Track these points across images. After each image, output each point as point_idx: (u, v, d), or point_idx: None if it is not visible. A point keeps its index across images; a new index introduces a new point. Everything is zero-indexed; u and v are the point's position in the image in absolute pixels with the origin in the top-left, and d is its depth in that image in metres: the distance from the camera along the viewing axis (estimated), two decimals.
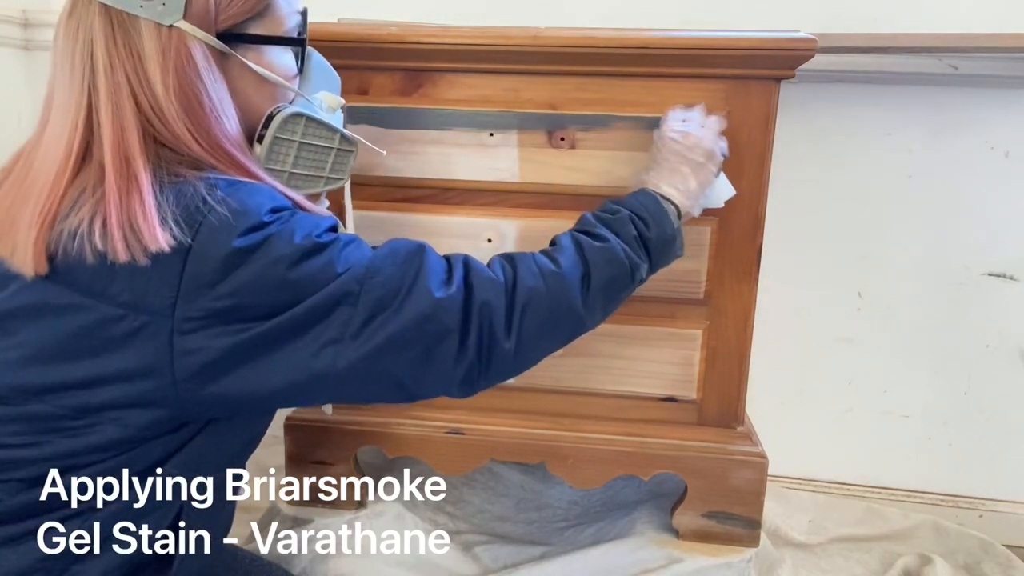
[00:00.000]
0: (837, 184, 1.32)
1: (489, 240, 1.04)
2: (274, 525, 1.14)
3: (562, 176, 1.02)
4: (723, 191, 0.95)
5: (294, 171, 0.78)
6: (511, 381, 1.08)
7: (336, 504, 1.13)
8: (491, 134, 1.01)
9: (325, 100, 0.82)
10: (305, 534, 1.10)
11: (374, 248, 0.73)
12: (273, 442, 1.46)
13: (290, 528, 1.11)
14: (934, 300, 1.35)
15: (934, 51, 1.19)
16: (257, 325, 0.65)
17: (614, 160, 1.00)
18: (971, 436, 1.39)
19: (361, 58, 1.00)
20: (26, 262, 0.64)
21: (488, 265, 0.77)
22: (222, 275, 0.64)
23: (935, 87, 1.26)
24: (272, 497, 1.17)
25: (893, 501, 1.40)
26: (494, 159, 1.02)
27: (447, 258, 0.75)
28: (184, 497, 0.76)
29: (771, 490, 1.14)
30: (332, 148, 0.81)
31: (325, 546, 1.10)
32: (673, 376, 1.07)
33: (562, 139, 1.00)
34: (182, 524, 0.76)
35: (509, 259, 0.78)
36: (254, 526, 1.18)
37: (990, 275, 1.33)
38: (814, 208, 1.34)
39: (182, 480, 0.74)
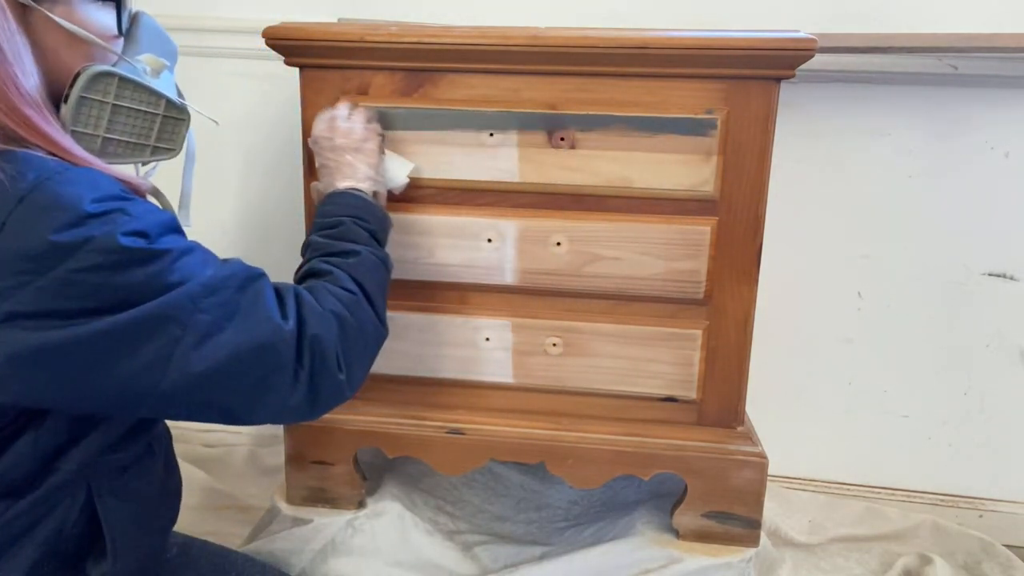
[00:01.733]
0: (837, 184, 1.32)
1: (489, 240, 1.04)
2: (274, 525, 1.14)
3: (562, 176, 1.02)
4: (400, 169, 1.00)
5: (109, 136, 0.71)
6: (511, 381, 1.09)
7: (336, 504, 1.13)
8: (491, 134, 1.01)
9: (147, 62, 0.75)
10: (305, 534, 1.10)
11: (210, 263, 0.68)
12: (273, 442, 1.46)
13: (290, 528, 1.11)
14: (934, 300, 1.35)
15: (934, 51, 1.19)
16: (72, 326, 0.60)
17: (614, 160, 1.00)
18: (971, 436, 1.39)
19: (361, 58, 1.00)
20: None
21: (314, 299, 0.75)
22: (33, 273, 0.58)
23: (935, 87, 1.26)
24: (272, 497, 1.17)
25: (893, 501, 1.40)
26: (494, 159, 1.02)
27: (278, 289, 0.73)
28: (86, 484, 0.74)
29: (771, 490, 1.14)
30: (157, 114, 0.75)
31: (325, 546, 1.10)
32: (673, 376, 1.07)
33: (562, 139, 1.00)
34: (97, 508, 0.74)
35: (313, 291, 0.76)
36: (254, 526, 1.19)
37: (990, 275, 1.33)
38: (814, 208, 1.34)
39: (79, 468, 0.71)
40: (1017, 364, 1.35)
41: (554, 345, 1.07)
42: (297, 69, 1.03)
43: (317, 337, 0.71)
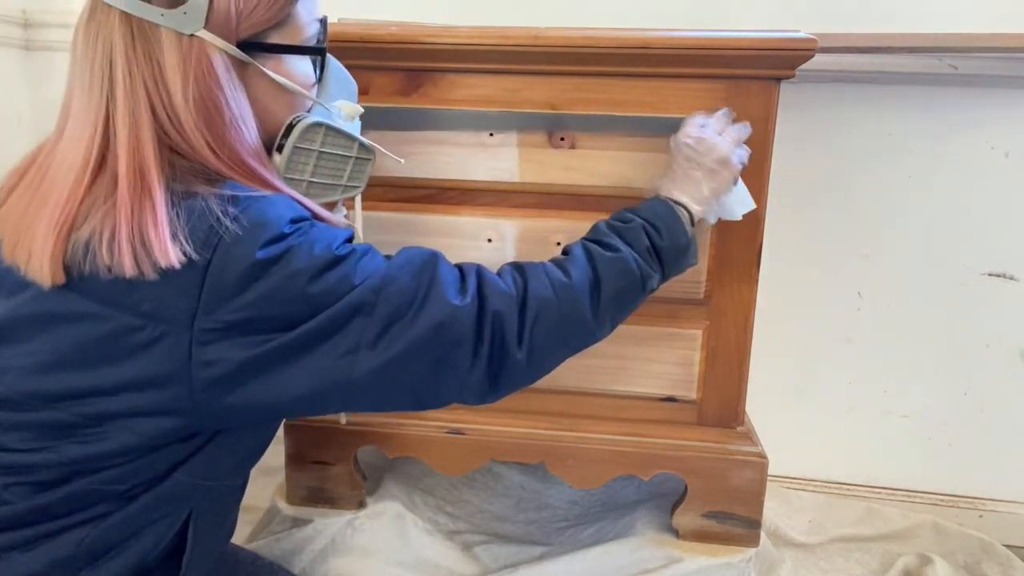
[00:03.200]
0: (837, 184, 1.32)
1: (489, 240, 1.04)
2: (274, 525, 1.14)
3: (562, 176, 1.02)
4: (740, 203, 0.94)
5: (313, 180, 0.78)
6: None
7: (336, 504, 1.13)
8: (491, 134, 1.01)
9: (343, 109, 0.82)
10: (305, 534, 1.10)
11: (388, 257, 0.73)
12: (273, 442, 1.46)
13: (290, 528, 1.11)
14: (934, 300, 1.35)
15: (934, 51, 1.19)
16: (276, 337, 0.65)
17: (614, 160, 1.00)
18: (971, 436, 1.39)
19: (361, 58, 1.00)
20: (43, 272, 0.64)
21: (499, 275, 0.77)
22: (242, 287, 0.64)
23: (935, 87, 1.26)
24: (272, 497, 1.17)
25: (893, 501, 1.40)
26: (494, 159, 1.02)
27: (460, 267, 0.76)
28: (192, 503, 0.76)
29: (771, 490, 1.14)
30: (351, 157, 0.80)
31: (325, 546, 1.10)
32: (673, 376, 1.07)
33: (562, 139, 1.00)
34: (190, 529, 0.77)
35: (520, 269, 0.78)
36: (255, 526, 1.19)
37: (990, 275, 1.33)
38: (814, 208, 1.34)
39: (191, 487, 0.74)
40: (1017, 364, 1.35)
41: None
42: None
43: (498, 313, 0.72)
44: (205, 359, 0.64)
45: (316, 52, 0.76)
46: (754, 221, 1.00)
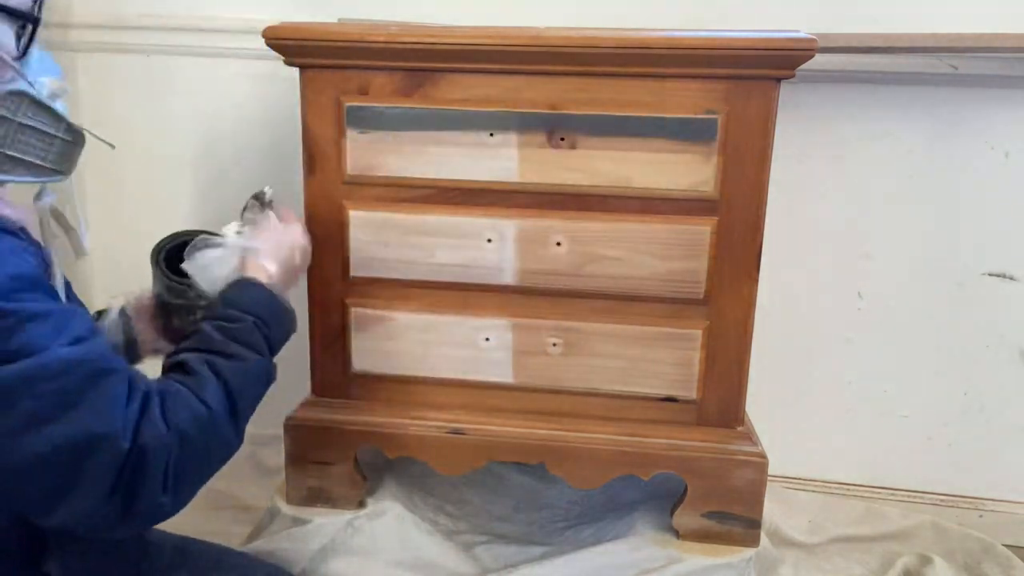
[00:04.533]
0: (837, 184, 1.32)
1: (489, 240, 1.04)
2: (274, 525, 1.14)
3: (562, 176, 1.02)
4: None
5: (8, 152, 0.70)
6: (511, 381, 1.09)
7: (336, 504, 1.13)
8: (491, 134, 1.01)
9: (49, 84, 0.73)
10: (305, 534, 1.10)
11: (63, 333, 0.62)
12: (273, 442, 1.46)
13: (290, 528, 1.11)
14: (934, 300, 1.35)
15: (934, 51, 1.19)
16: None
17: (614, 160, 1.00)
18: (971, 436, 1.39)
19: (361, 58, 1.00)
20: None
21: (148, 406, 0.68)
22: None
23: (935, 87, 1.26)
24: (272, 497, 1.17)
25: (893, 501, 1.40)
26: (494, 159, 1.02)
27: (130, 384, 0.67)
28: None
29: (771, 490, 1.14)
30: (56, 136, 0.74)
31: (325, 546, 1.10)
32: (673, 376, 1.07)
33: (562, 139, 1.00)
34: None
35: (166, 399, 0.69)
36: (255, 526, 1.19)
37: (990, 275, 1.33)
38: (814, 208, 1.34)
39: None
40: (1017, 364, 1.35)
41: (554, 345, 1.07)
42: (297, 69, 1.03)
43: (144, 455, 0.64)
44: None
45: (20, 17, 0.68)
46: (754, 221, 1.00)
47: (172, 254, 0.92)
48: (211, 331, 0.78)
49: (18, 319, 0.58)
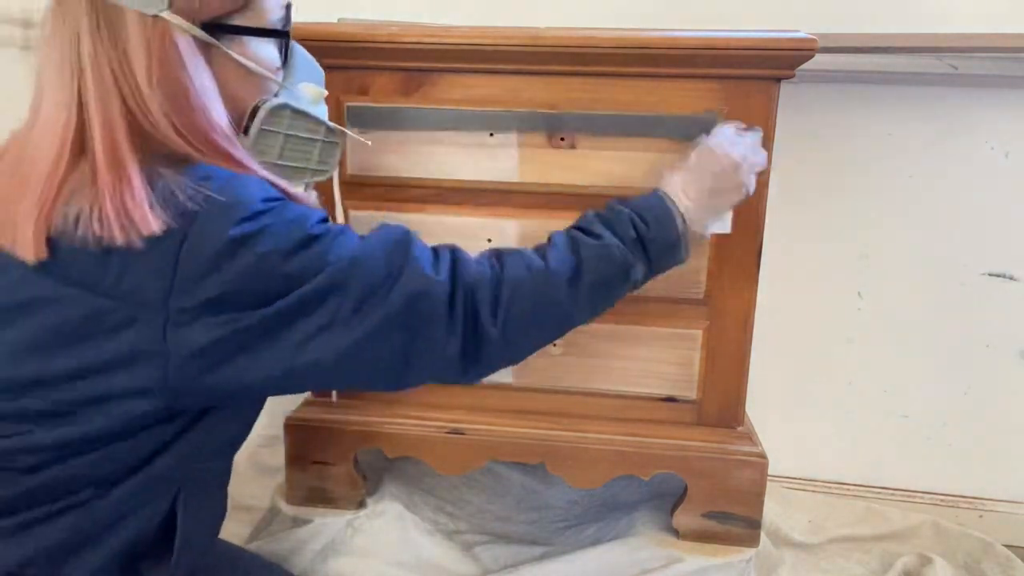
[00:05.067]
0: (837, 184, 1.32)
1: (489, 240, 1.04)
2: (274, 525, 1.14)
3: (562, 176, 1.02)
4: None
5: (280, 162, 0.78)
6: (511, 380, 1.09)
7: (336, 504, 1.13)
8: (491, 134, 1.01)
9: (307, 91, 0.82)
10: (305, 534, 1.10)
11: (363, 237, 0.73)
12: (273, 442, 1.46)
13: (290, 528, 1.11)
14: (934, 300, 1.35)
15: (934, 51, 1.19)
16: (249, 314, 0.66)
17: (614, 160, 1.00)
18: (971, 436, 1.39)
19: (361, 58, 1.00)
20: (27, 248, 0.64)
21: (477, 258, 0.79)
22: (216, 265, 0.64)
23: (935, 87, 1.26)
24: (272, 497, 1.17)
25: (893, 501, 1.40)
26: (494, 159, 1.02)
27: (435, 248, 0.77)
28: (178, 487, 0.76)
29: (771, 490, 1.14)
30: (318, 140, 0.81)
31: (325, 546, 1.10)
32: (673, 376, 1.07)
33: (562, 139, 1.00)
34: (178, 514, 0.77)
35: (497, 254, 0.79)
36: (255, 526, 1.19)
37: (990, 275, 1.33)
38: (814, 208, 1.34)
39: (176, 470, 0.74)
40: (1017, 364, 1.35)
41: (554, 345, 1.07)
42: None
43: (471, 288, 0.74)
44: (180, 338, 0.65)
45: (279, 35, 0.76)
46: (754, 221, 1.00)
47: None
48: (590, 214, 0.85)
49: (331, 236, 0.70)
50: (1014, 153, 1.27)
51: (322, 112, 0.83)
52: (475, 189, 1.03)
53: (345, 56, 1.00)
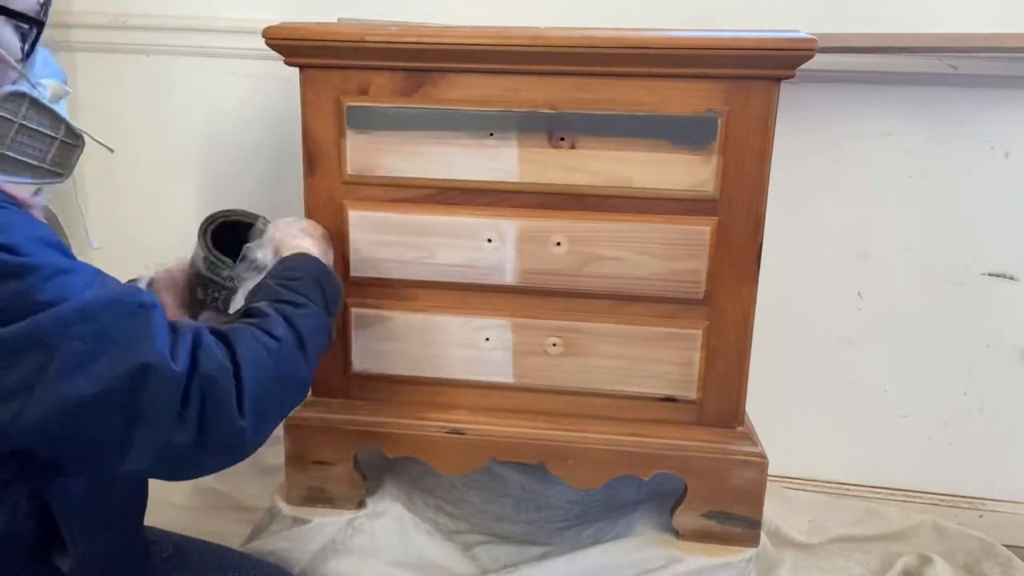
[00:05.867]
0: (837, 184, 1.32)
1: (489, 240, 1.04)
2: (274, 525, 1.14)
3: (562, 176, 1.02)
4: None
5: (7, 153, 0.71)
6: (511, 381, 1.09)
7: (336, 504, 1.13)
8: (491, 134, 1.01)
9: (50, 87, 0.76)
10: (305, 534, 1.10)
11: (98, 284, 0.64)
12: (273, 442, 1.45)
13: (290, 528, 1.11)
14: (934, 300, 1.35)
15: (934, 51, 1.19)
16: None
17: (614, 160, 1.00)
18: (971, 436, 1.39)
19: (361, 58, 1.00)
20: None
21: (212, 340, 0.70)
22: None
23: (935, 87, 1.26)
24: (272, 497, 1.17)
25: (893, 501, 1.40)
26: (494, 159, 1.02)
27: (173, 325, 0.68)
28: (29, 487, 0.71)
29: (771, 490, 1.14)
30: (56, 138, 0.75)
31: (325, 546, 1.10)
32: (673, 376, 1.07)
33: (562, 139, 1.00)
34: (52, 505, 0.72)
35: (224, 337, 0.71)
36: (254, 526, 1.19)
37: (990, 275, 1.33)
38: (814, 208, 1.34)
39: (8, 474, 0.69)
40: (1017, 364, 1.35)
41: (554, 345, 1.07)
42: (297, 69, 1.03)
43: (211, 379, 0.65)
44: None
45: (25, 20, 0.69)
46: (754, 221, 1.00)
47: (219, 230, 0.99)
48: (275, 286, 0.83)
49: (50, 271, 0.59)
50: (1014, 153, 1.28)
51: (62, 110, 0.77)
52: (475, 189, 1.03)
53: (345, 56, 1.00)
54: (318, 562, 1.09)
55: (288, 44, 1.00)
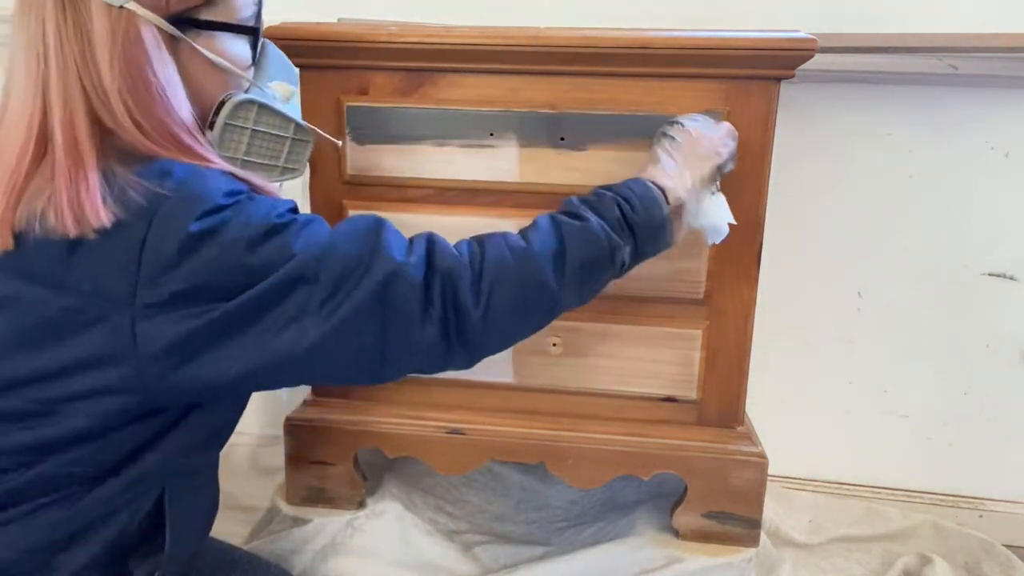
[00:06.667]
0: (837, 184, 1.32)
1: None
2: (274, 525, 1.14)
3: (562, 176, 1.02)
4: (723, 214, 0.90)
5: (247, 159, 0.78)
6: (511, 380, 1.09)
7: (336, 504, 1.13)
8: (491, 134, 1.01)
9: (278, 89, 0.82)
10: (305, 534, 1.10)
11: (333, 227, 0.72)
12: (273, 442, 1.46)
13: (290, 528, 1.11)
14: (934, 300, 1.35)
15: (934, 51, 1.19)
16: (216, 308, 0.65)
17: (614, 160, 1.00)
18: (971, 436, 1.39)
19: (361, 58, 1.00)
20: None
21: (456, 244, 0.76)
22: (179, 259, 0.64)
23: (935, 87, 1.26)
24: (272, 497, 1.17)
25: (893, 501, 1.40)
26: (494, 159, 1.02)
27: (411, 237, 0.75)
28: (163, 483, 0.76)
29: (771, 490, 1.14)
30: (287, 137, 0.81)
31: (325, 546, 1.10)
32: (673, 376, 1.07)
33: (562, 139, 1.00)
34: (166, 509, 0.77)
35: (477, 239, 0.77)
36: (255, 526, 1.19)
37: (990, 275, 1.33)
38: (814, 208, 1.34)
39: (161, 465, 0.74)
40: (1017, 364, 1.35)
41: (554, 345, 1.07)
42: (297, 69, 1.03)
43: (448, 272, 0.71)
44: (148, 334, 0.65)
45: (249, 32, 0.76)
46: (754, 221, 1.00)
47: None
48: (574, 199, 0.82)
49: (298, 226, 0.69)
50: (1014, 153, 1.27)
51: (293, 110, 0.83)
52: (475, 189, 1.03)
53: (345, 56, 1.00)
54: (318, 562, 1.09)
55: (288, 44, 1.00)
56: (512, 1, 1.32)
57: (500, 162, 1.02)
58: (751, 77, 0.96)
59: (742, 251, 1.01)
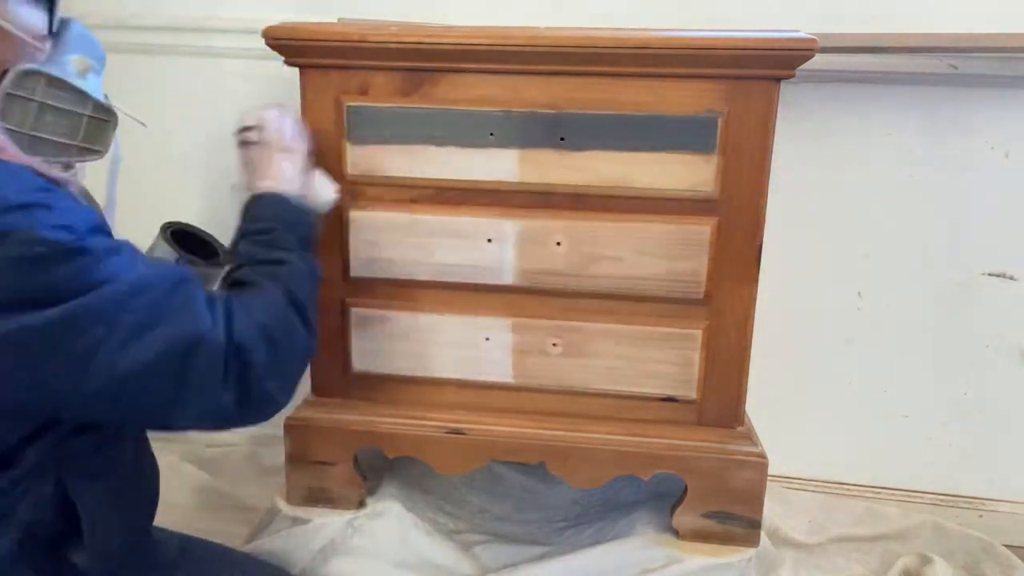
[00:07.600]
0: (837, 184, 1.32)
1: (489, 240, 1.04)
2: (274, 525, 1.14)
3: (562, 176, 1.02)
4: (326, 186, 0.99)
5: (36, 134, 0.72)
6: (511, 381, 1.09)
7: (336, 504, 1.13)
8: (491, 134, 1.01)
9: (74, 63, 0.75)
10: (305, 534, 1.10)
11: (141, 263, 0.69)
12: (273, 442, 1.46)
13: (290, 528, 1.11)
14: (934, 300, 1.35)
15: (934, 51, 1.19)
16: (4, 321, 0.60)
17: (614, 160, 1.00)
18: (971, 436, 1.39)
19: (361, 58, 1.00)
20: None
21: (247, 300, 0.76)
22: None
23: (935, 87, 1.26)
24: (272, 497, 1.17)
25: (893, 501, 1.40)
26: (494, 159, 1.02)
27: (208, 295, 0.73)
28: (57, 473, 0.74)
29: (771, 490, 1.14)
30: (84, 115, 0.75)
31: (325, 546, 1.10)
32: (673, 376, 1.07)
33: (562, 139, 1.00)
34: (75, 501, 0.76)
35: (240, 304, 0.75)
36: (255, 526, 1.19)
37: (990, 275, 1.33)
38: (814, 208, 1.34)
39: (43, 457, 0.72)
40: (1017, 364, 1.35)
41: (554, 345, 1.07)
42: (297, 69, 1.03)
43: (243, 347, 0.70)
44: None
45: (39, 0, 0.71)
46: (754, 221, 1.00)
47: (179, 233, 0.97)
48: (249, 247, 0.83)
49: (100, 254, 0.64)
50: (1014, 153, 1.27)
51: (92, 87, 0.77)
52: (475, 189, 1.03)
53: (345, 56, 1.00)
54: (318, 562, 1.09)
55: (288, 44, 1.00)
56: (512, 1, 1.32)
57: (500, 162, 1.02)
58: (751, 77, 0.96)
59: (742, 251, 1.01)
